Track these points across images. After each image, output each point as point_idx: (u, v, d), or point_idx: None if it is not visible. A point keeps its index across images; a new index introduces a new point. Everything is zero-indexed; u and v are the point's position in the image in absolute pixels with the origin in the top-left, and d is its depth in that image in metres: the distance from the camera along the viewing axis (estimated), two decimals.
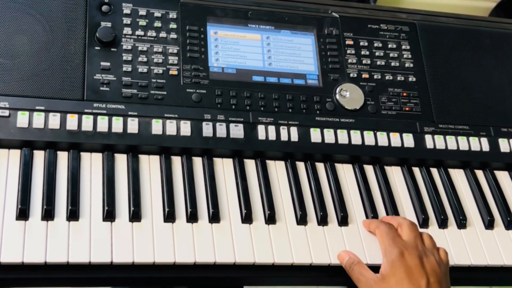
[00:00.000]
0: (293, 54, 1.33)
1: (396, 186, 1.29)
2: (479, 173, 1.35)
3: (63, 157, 1.14)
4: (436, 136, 1.33)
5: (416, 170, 1.32)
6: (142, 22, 1.27)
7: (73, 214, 1.06)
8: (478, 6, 1.98)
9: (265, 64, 1.31)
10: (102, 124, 1.16)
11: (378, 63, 1.37)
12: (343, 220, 1.19)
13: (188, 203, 1.13)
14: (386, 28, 1.41)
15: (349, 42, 1.37)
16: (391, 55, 1.39)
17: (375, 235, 1.17)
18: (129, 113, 1.18)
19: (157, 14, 1.28)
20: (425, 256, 1.10)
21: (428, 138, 1.32)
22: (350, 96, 1.32)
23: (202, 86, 1.25)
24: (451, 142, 1.33)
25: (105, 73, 1.21)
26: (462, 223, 1.25)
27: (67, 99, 1.16)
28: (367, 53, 1.37)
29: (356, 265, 1.11)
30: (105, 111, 1.17)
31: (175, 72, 1.24)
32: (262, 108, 1.26)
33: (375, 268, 1.11)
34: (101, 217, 1.08)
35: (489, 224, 1.27)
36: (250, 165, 1.23)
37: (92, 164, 1.14)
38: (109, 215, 1.08)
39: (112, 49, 1.23)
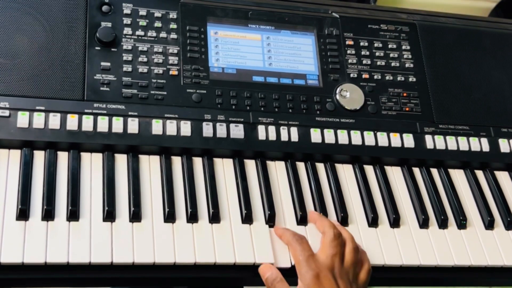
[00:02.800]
0: (293, 54, 1.33)
1: (396, 186, 1.28)
2: (479, 173, 1.35)
3: (63, 157, 1.14)
4: (436, 136, 1.33)
5: (416, 170, 1.32)
6: (142, 22, 1.27)
7: (73, 214, 1.06)
8: (478, 6, 1.98)
9: (265, 64, 1.31)
10: (102, 124, 1.16)
11: (378, 63, 1.37)
12: (343, 220, 1.19)
13: (188, 203, 1.13)
14: (386, 28, 1.41)
15: (349, 42, 1.37)
16: (391, 55, 1.39)
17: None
18: (129, 113, 1.18)
19: (157, 14, 1.28)
20: (340, 278, 1.06)
21: (428, 138, 1.32)
22: (350, 96, 1.32)
23: (202, 86, 1.25)
24: (451, 142, 1.33)
25: (105, 73, 1.21)
26: (462, 223, 1.25)
27: (67, 99, 1.16)
28: (367, 53, 1.37)
29: (279, 282, 1.07)
30: (105, 111, 1.17)
31: (175, 72, 1.24)
32: (262, 108, 1.26)
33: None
34: (101, 217, 1.08)
35: (489, 224, 1.27)
36: (250, 165, 1.23)
37: (92, 164, 1.14)
38: (109, 215, 1.08)
39: (112, 49, 1.23)
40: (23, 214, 1.04)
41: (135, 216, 1.09)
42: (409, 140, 1.31)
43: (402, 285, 1.26)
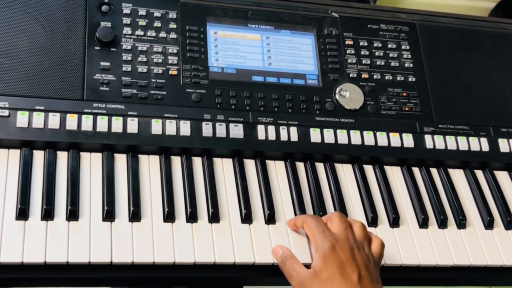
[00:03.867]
0: (293, 54, 1.33)
1: (395, 186, 1.28)
2: (479, 173, 1.35)
3: (62, 157, 1.14)
4: (435, 136, 1.33)
5: (415, 170, 1.32)
6: (142, 22, 1.27)
7: (73, 214, 1.06)
8: (478, 6, 1.98)
9: (265, 64, 1.31)
10: (102, 124, 1.16)
11: (378, 63, 1.37)
12: None
13: (188, 203, 1.13)
14: (386, 28, 1.41)
15: (349, 42, 1.37)
16: (391, 55, 1.39)
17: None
18: (129, 113, 1.18)
19: (157, 14, 1.28)
20: (356, 248, 1.06)
21: (427, 138, 1.32)
22: (349, 96, 1.32)
23: (201, 86, 1.25)
24: (451, 142, 1.33)
25: (105, 73, 1.21)
26: (461, 223, 1.25)
27: (66, 99, 1.16)
28: (367, 53, 1.37)
29: (289, 260, 1.08)
30: (104, 111, 1.17)
31: (175, 72, 1.24)
32: (261, 108, 1.26)
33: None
34: (101, 217, 1.08)
35: (489, 224, 1.27)
36: (250, 165, 1.23)
37: (91, 164, 1.14)
38: (109, 215, 1.08)
39: (112, 49, 1.23)
40: (22, 213, 1.04)
41: (135, 215, 1.09)
42: (408, 140, 1.31)
43: (402, 285, 1.26)
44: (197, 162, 1.20)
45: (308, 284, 1.04)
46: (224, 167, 1.21)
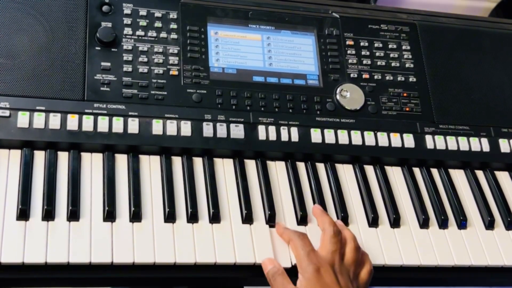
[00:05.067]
0: (293, 54, 1.33)
1: (396, 186, 1.28)
2: (480, 174, 1.35)
3: (63, 157, 1.14)
4: (436, 137, 1.33)
5: (416, 171, 1.32)
6: (143, 22, 1.27)
7: (74, 215, 1.06)
8: (478, 6, 1.98)
9: (266, 64, 1.31)
10: (103, 124, 1.16)
11: (379, 63, 1.37)
12: (344, 220, 1.19)
13: (189, 203, 1.13)
14: (387, 29, 1.41)
15: (350, 42, 1.37)
16: (391, 55, 1.39)
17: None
18: (130, 113, 1.18)
19: (158, 14, 1.28)
20: (340, 274, 1.06)
21: (428, 138, 1.32)
22: (350, 96, 1.32)
23: (202, 86, 1.25)
24: (452, 143, 1.33)
25: (106, 73, 1.21)
26: (462, 223, 1.25)
27: (67, 99, 1.16)
28: (368, 53, 1.37)
29: (280, 275, 1.07)
30: (105, 111, 1.17)
31: (176, 72, 1.24)
32: (262, 108, 1.26)
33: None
34: (102, 217, 1.08)
35: (490, 224, 1.27)
36: (251, 165, 1.23)
37: (92, 164, 1.14)
38: (110, 215, 1.08)
39: (113, 49, 1.23)
40: (23, 214, 1.04)
41: (135, 216, 1.09)
42: (409, 140, 1.31)
43: (402, 285, 1.26)
44: (198, 162, 1.20)
45: None
46: (224, 167, 1.21)
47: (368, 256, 1.14)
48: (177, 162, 1.19)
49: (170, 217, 1.11)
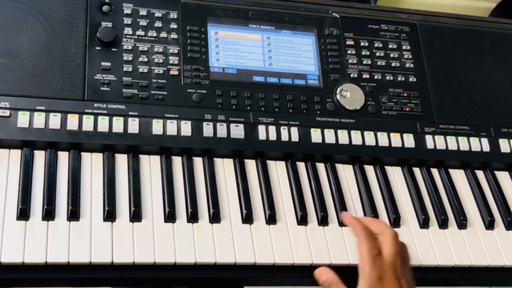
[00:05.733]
0: (293, 54, 1.33)
1: (396, 186, 1.29)
2: (480, 174, 1.35)
3: (63, 157, 1.14)
4: (436, 137, 1.33)
5: (416, 171, 1.32)
6: (143, 22, 1.27)
7: (74, 214, 1.06)
8: (478, 6, 1.98)
9: (266, 64, 1.31)
10: (103, 124, 1.16)
11: (379, 63, 1.37)
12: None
13: (189, 203, 1.13)
14: (387, 29, 1.41)
15: (350, 42, 1.37)
16: (391, 55, 1.39)
17: None
18: (130, 113, 1.18)
19: (158, 14, 1.28)
20: (402, 277, 1.05)
21: (428, 138, 1.32)
22: (350, 96, 1.32)
23: (202, 86, 1.25)
24: (452, 143, 1.33)
25: (106, 73, 1.21)
26: (462, 223, 1.25)
27: (67, 99, 1.16)
28: (368, 53, 1.37)
29: (336, 285, 1.06)
30: (105, 111, 1.17)
31: (176, 72, 1.25)
32: (262, 108, 1.26)
33: None
34: (102, 217, 1.08)
35: (490, 224, 1.27)
36: (251, 165, 1.23)
37: (92, 164, 1.14)
38: (110, 215, 1.08)
39: (113, 49, 1.23)
40: (23, 214, 1.04)
41: (136, 216, 1.09)
42: (409, 140, 1.31)
43: None
44: (198, 162, 1.21)
45: None
46: (225, 167, 1.21)
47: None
48: (177, 162, 1.19)
49: (170, 217, 1.11)
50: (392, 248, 1.06)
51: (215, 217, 1.13)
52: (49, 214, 1.05)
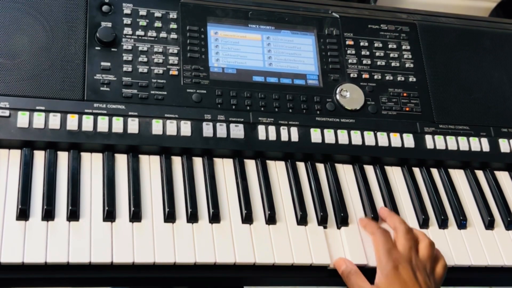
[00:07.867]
0: (293, 54, 1.33)
1: (396, 186, 1.29)
2: (479, 173, 1.35)
3: (63, 157, 1.14)
4: (436, 136, 1.33)
5: (416, 170, 1.32)
6: (143, 22, 1.27)
7: (73, 214, 1.06)
8: (478, 6, 1.98)
9: (266, 64, 1.31)
10: (103, 124, 1.16)
11: (379, 63, 1.37)
12: (343, 221, 1.19)
13: (189, 203, 1.13)
14: (387, 28, 1.41)
15: (350, 42, 1.37)
16: (391, 55, 1.39)
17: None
18: (130, 113, 1.18)
19: (158, 14, 1.28)
20: (418, 270, 1.10)
21: (428, 138, 1.32)
22: (350, 96, 1.32)
23: (202, 86, 1.25)
24: (451, 142, 1.33)
25: (106, 73, 1.21)
26: (462, 223, 1.25)
27: (67, 99, 1.16)
28: (368, 53, 1.37)
29: (354, 275, 1.10)
30: (105, 111, 1.17)
31: (176, 72, 1.25)
32: (262, 108, 1.26)
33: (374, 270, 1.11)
34: (102, 217, 1.08)
35: (489, 224, 1.27)
36: (251, 165, 1.23)
37: (92, 164, 1.14)
38: (110, 215, 1.08)
39: (113, 49, 1.23)
40: (23, 214, 1.04)
41: (135, 216, 1.09)
42: (409, 140, 1.31)
43: None
44: (198, 162, 1.21)
45: None
46: (224, 167, 1.21)
47: (440, 252, 1.16)
48: (177, 162, 1.19)
49: (170, 217, 1.11)
50: (405, 243, 1.12)
51: (215, 217, 1.13)
52: (48, 214, 1.05)
